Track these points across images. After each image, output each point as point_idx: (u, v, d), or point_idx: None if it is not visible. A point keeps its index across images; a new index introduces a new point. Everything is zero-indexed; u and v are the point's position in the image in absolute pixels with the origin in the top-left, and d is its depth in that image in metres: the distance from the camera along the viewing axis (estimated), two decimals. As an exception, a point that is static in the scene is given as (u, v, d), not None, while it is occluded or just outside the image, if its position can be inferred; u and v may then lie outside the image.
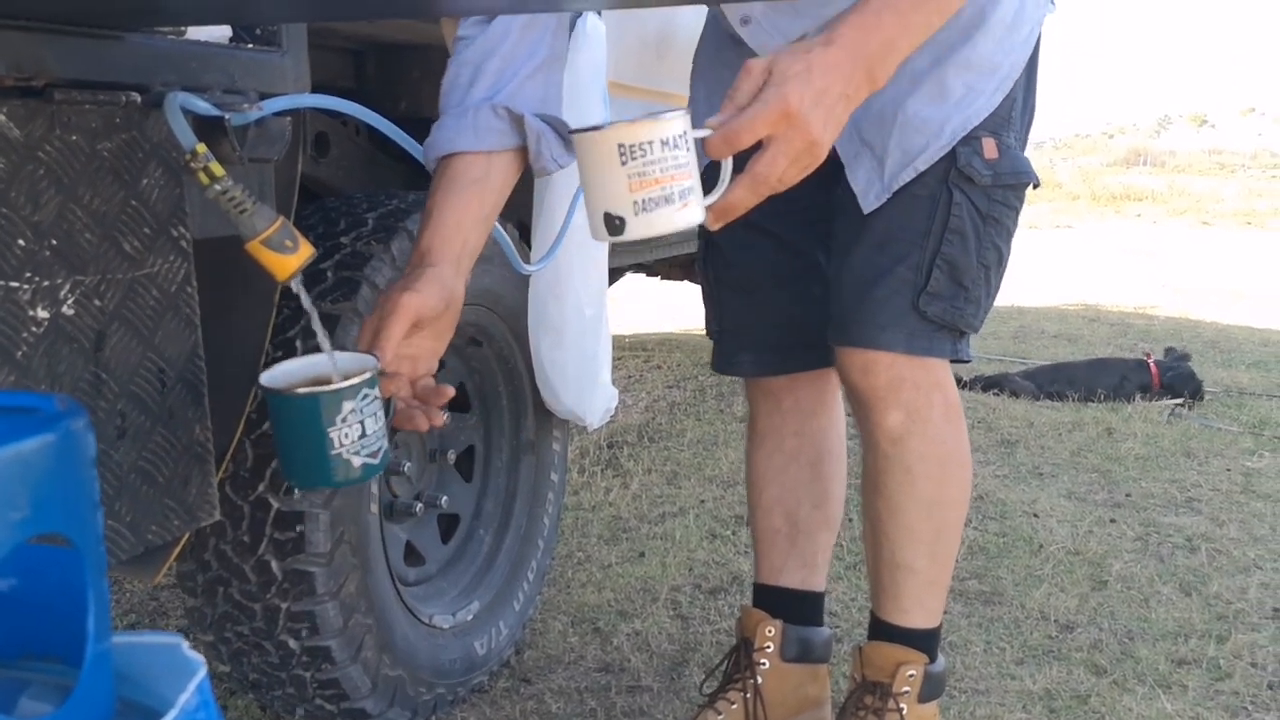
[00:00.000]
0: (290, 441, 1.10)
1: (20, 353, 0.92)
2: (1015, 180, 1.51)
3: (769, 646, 1.73)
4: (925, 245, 1.48)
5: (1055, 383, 4.31)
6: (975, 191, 1.48)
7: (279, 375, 1.12)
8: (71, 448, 0.56)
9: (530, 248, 1.92)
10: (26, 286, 0.91)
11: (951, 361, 1.56)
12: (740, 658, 1.75)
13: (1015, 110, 1.53)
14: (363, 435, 1.09)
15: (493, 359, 1.99)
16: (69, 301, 0.95)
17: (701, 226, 1.39)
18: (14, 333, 0.91)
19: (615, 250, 2.43)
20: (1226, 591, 2.39)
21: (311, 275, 1.58)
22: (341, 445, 1.08)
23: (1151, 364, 4.36)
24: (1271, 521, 2.87)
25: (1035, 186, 1.56)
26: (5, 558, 0.52)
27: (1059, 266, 9.64)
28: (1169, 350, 4.53)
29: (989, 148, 1.48)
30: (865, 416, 1.55)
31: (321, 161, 1.81)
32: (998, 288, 1.57)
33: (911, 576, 1.60)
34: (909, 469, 1.55)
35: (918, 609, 1.62)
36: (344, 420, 1.07)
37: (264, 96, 1.18)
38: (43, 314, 0.93)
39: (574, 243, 1.86)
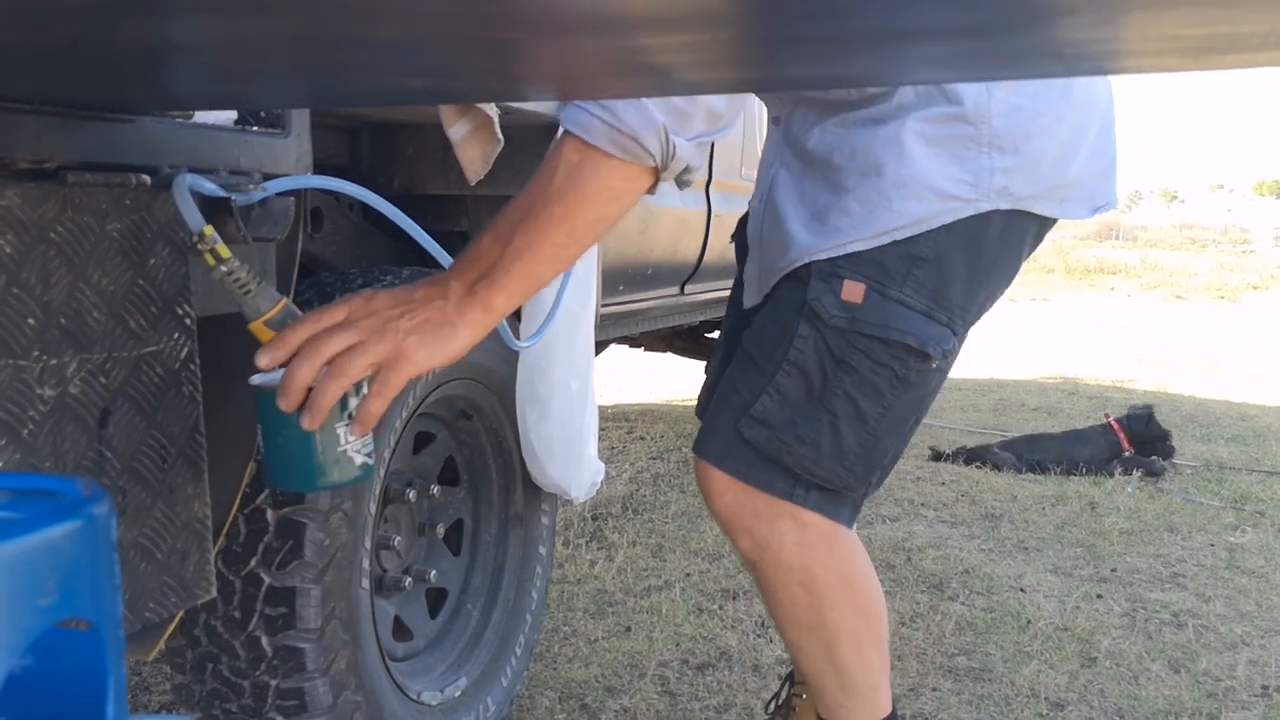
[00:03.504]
0: (293, 442, 1.07)
1: (26, 430, 0.92)
2: (881, 334, 1.39)
3: None
4: (766, 370, 1.43)
5: (1034, 452, 4.38)
6: (828, 331, 1.40)
7: (266, 382, 1.09)
8: (96, 533, 0.57)
9: (520, 322, 1.94)
10: (35, 365, 0.92)
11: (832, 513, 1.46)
12: None
13: (924, 272, 1.40)
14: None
15: (482, 432, 2.00)
16: (75, 379, 0.96)
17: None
18: (20, 410, 0.92)
19: (602, 323, 2.45)
20: (1215, 669, 2.40)
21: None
22: (348, 441, 1.08)
23: (1114, 424, 4.45)
24: (1257, 597, 2.88)
25: (926, 357, 1.40)
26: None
27: (1037, 339, 9.73)
28: (1130, 408, 4.63)
29: (850, 290, 1.39)
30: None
31: (316, 237, 1.83)
32: (864, 445, 1.42)
33: (823, 684, 1.53)
34: (773, 594, 1.48)
35: (843, 712, 1.55)
36: (350, 416, 1.07)
37: (268, 177, 1.20)
38: (49, 392, 0.93)
39: (562, 317, 1.88)
